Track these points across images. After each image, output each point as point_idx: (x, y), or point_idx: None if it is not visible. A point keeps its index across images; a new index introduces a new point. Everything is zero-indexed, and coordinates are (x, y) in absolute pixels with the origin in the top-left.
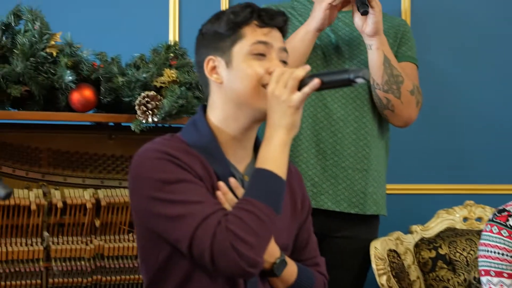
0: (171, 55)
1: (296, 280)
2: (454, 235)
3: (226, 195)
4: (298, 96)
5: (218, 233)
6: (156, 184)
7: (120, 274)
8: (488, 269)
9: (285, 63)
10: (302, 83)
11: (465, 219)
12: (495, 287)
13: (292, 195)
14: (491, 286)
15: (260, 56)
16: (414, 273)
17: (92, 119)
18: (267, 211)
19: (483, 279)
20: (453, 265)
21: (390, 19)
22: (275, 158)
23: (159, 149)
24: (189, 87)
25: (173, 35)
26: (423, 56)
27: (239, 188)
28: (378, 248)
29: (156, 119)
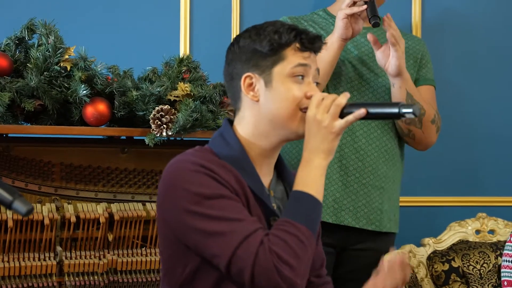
0: (183, 68)
1: None
2: (467, 248)
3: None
4: (340, 123)
5: (261, 253)
6: (194, 198)
7: None
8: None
9: (317, 84)
10: (342, 110)
11: (477, 231)
12: None
13: None
14: None
15: (299, 78)
16: (427, 286)
17: (106, 133)
18: (308, 234)
19: None
20: (466, 278)
21: (409, 37)
22: (314, 182)
23: (195, 161)
24: (203, 100)
25: (184, 48)
26: (435, 69)
27: None
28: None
29: (171, 133)
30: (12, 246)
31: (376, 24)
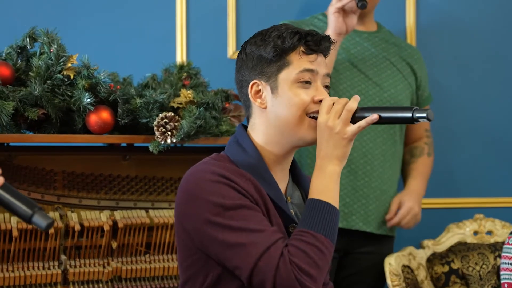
0: (184, 74)
1: None
2: (466, 249)
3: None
4: (353, 129)
5: (282, 265)
6: (215, 209)
7: None
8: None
9: (327, 87)
10: (353, 114)
11: (475, 232)
12: None
13: None
14: None
15: (306, 84)
16: None
17: (109, 140)
18: (327, 243)
19: None
20: (466, 279)
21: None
22: (330, 189)
23: (215, 171)
24: (206, 107)
25: (180, 53)
26: (429, 72)
27: None
28: (392, 264)
29: (175, 140)
30: (16, 256)
31: (363, 6)
